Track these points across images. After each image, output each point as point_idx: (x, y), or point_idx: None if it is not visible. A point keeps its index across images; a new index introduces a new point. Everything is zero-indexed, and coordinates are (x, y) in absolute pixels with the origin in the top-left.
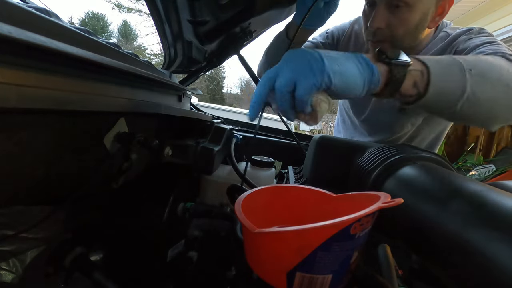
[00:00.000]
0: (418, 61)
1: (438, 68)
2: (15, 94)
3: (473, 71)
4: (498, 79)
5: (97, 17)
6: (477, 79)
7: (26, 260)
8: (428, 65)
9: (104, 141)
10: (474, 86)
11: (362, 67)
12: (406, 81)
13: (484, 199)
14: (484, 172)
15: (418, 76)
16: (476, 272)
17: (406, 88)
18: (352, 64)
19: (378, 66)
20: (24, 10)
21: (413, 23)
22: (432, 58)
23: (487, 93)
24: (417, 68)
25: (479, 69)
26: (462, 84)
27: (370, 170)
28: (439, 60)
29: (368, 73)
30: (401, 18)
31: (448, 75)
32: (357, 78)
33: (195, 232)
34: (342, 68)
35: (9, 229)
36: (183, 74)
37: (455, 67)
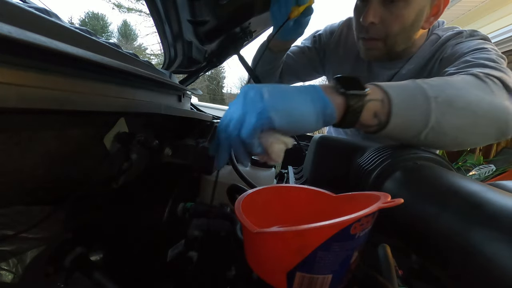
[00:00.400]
0: (380, 90)
1: (401, 97)
2: (15, 94)
3: (439, 99)
4: (465, 107)
5: (97, 17)
6: (443, 107)
7: (26, 260)
8: (390, 94)
9: (104, 141)
10: (439, 116)
11: (313, 101)
12: (365, 112)
13: (484, 199)
14: (484, 172)
15: (378, 106)
16: (476, 272)
17: (365, 118)
18: (302, 99)
19: (334, 97)
20: (24, 10)
21: (408, 20)
22: (395, 86)
23: (453, 122)
24: (377, 97)
25: (446, 96)
26: (426, 113)
27: (370, 170)
28: (403, 87)
29: (321, 107)
30: (396, 14)
31: (411, 104)
32: (306, 114)
33: (195, 232)
34: (287, 105)
35: (9, 229)
36: (183, 74)
37: (420, 95)
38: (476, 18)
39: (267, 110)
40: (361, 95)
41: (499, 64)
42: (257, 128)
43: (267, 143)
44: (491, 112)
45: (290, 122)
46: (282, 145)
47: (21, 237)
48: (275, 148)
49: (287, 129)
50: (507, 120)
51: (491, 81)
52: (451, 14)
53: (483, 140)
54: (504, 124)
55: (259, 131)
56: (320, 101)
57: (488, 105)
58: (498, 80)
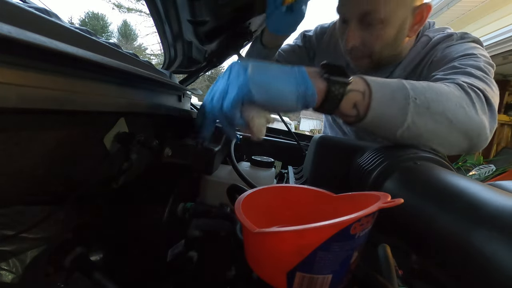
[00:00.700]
0: (363, 82)
1: (382, 92)
2: (15, 94)
3: (418, 101)
4: (442, 113)
5: (97, 17)
6: (421, 109)
7: (26, 260)
8: (372, 87)
9: (104, 141)
10: (416, 116)
11: (296, 82)
12: (345, 101)
13: (484, 199)
14: (484, 172)
15: (359, 97)
16: (475, 272)
17: (344, 107)
18: (285, 77)
19: (317, 81)
20: (24, 10)
21: (389, 38)
22: (379, 81)
23: (429, 125)
24: (359, 89)
25: (425, 99)
26: (403, 112)
27: (370, 170)
28: (386, 83)
29: (303, 88)
30: (376, 35)
31: (391, 101)
32: (287, 93)
33: (195, 232)
34: (269, 81)
35: (9, 229)
36: (183, 74)
37: (401, 94)
38: (476, 18)
39: (248, 83)
40: (343, 83)
41: (485, 74)
42: (238, 100)
43: (248, 116)
44: (466, 124)
45: (270, 98)
46: (263, 120)
47: (21, 237)
48: (256, 122)
49: (266, 104)
50: (480, 135)
51: (474, 94)
52: (451, 14)
53: (454, 149)
54: (476, 138)
55: (239, 103)
56: (303, 83)
57: (465, 116)
58: (481, 92)
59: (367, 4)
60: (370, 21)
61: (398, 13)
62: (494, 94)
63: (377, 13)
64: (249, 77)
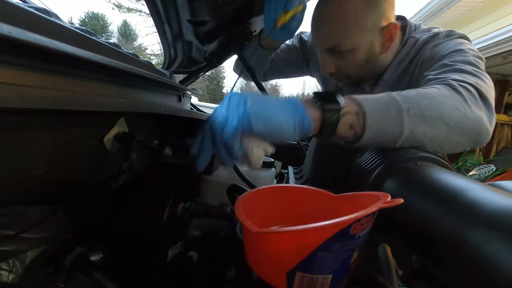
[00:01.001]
0: (355, 103)
1: (375, 109)
2: (15, 94)
3: (411, 111)
4: (437, 118)
5: (97, 17)
6: (416, 119)
7: (26, 260)
8: (364, 107)
9: (104, 141)
10: (413, 127)
11: (293, 113)
12: (341, 125)
13: (484, 199)
14: (484, 172)
15: (353, 118)
16: (475, 272)
17: (341, 130)
18: (283, 110)
19: (312, 111)
20: (24, 10)
21: (361, 61)
22: (370, 98)
23: (427, 132)
24: (352, 110)
25: (418, 108)
26: (399, 125)
27: (370, 170)
28: (377, 100)
29: (299, 119)
30: (347, 61)
31: (385, 116)
32: (285, 124)
33: (195, 232)
34: (267, 113)
35: (9, 229)
36: (183, 74)
37: (393, 108)
38: (476, 18)
39: (248, 115)
40: (336, 109)
41: (476, 68)
42: (238, 130)
43: (247, 146)
44: (464, 123)
45: (269, 129)
46: (261, 151)
47: (21, 237)
48: (255, 152)
49: (265, 135)
50: (480, 131)
51: (466, 91)
52: (451, 14)
53: (458, 149)
54: (477, 135)
55: (239, 133)
56: (299, 114)
57: (462, 116)
58: (473, 87)
59: (332, 39)
60: (339, 51)
61: (364, 39)
62: (487, 86)
63: (343, 45)
64: (249, 108)
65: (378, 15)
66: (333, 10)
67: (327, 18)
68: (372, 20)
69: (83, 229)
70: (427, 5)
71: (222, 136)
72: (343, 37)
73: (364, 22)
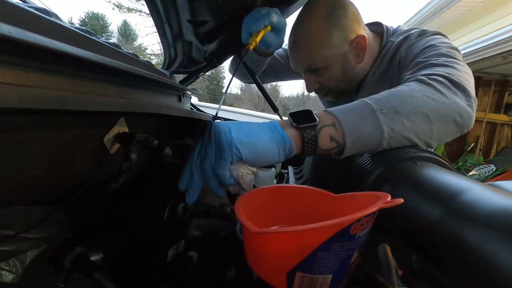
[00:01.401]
0: (329, 115)
1: (349, 116)
2: (15, 94)
3: (384, 110)
4: (413, 110)
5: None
6: (391, 115)
7: (26, 260)
8: (338, 116)
9: (104, 141)
10: (391, 124)
11: (274, 135)
12: (321, 138)
13: (484, 199)
14: (484, 172)
15: (331, 130)
16: (475, 272)
17: (323, 143)
18: (264, 133)
19: (290, 131)
20: (24, 10)
21: (338, 74)
22: (343, 108)
23: (407, 126)
24: (328, 123)
25: (390, 105)
26: (377, 125)
27: (370, 170)
28: (350, 107)
29: (281, 141)
30: (325, 77)
31: (360, 120)
32: (270, 147)
33: (195, 232)
34: (251, 139)
35: (9, 229)
36: (183, 74)
37: (366, 110)
38: (476, 18)
39: (236, 144)
40: (312, 126)
41: (448, 58)
42: (228, 161)
43: (238, 174)
44: (442, 110)
45: (255, 154)
46: (251, 175)
47: (21, 237)
48: (246, 178)
49: (253, 161)
50: (461, 113)
51: (436, 82)
52: (451, 14)
53: (448, 137)
54: (459, 117)
55: (229, 164)
56: (279, 136)
57: (437, 104)
58: (443, 77)
59: (305, 61)
60: (315, 69)
61: (334, 55)
62: (460, 73)
63: (316, 64)
64: (234, 138)
65: (341, 31)
66: (300, 34)
67: (297, 42)
68: (337, 37)
69: (83, 229)
70: (427, 5)
71: (213, 168)
72: (313, 57)
73: (329, 40)
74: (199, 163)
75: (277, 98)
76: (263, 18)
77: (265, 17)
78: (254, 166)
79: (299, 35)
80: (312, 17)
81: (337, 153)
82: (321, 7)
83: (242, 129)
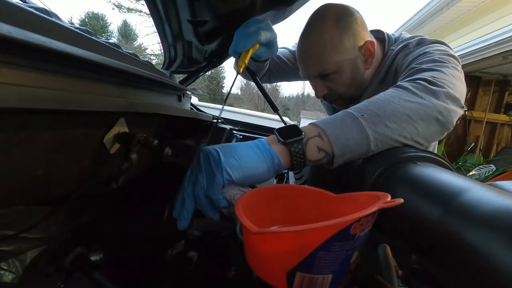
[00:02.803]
0: (314, 127)
1: (333, 126)
2: (15, 94)
3: (365, 115)
4: (394, 113)
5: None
6: (373, 119)
7: (26, 260)
8: (322, 127)
9: (104, 141)
10: (374, 127)
11: (261, 153)
12: (309, 150)
13: (484, 199)
14: (484, 172)
15: (318, 140)
16: (474, 272)
17: (311, 155)
18: (251, 152)
19: (277, 148)
20: (24, 10)
21: (348, 79)
22: (327, 119)
23: (392, 128)
24: (314, 134)
25: (370, 111)
26: (361, 130)
27: (370, 170)
28: (333, 118)
29: (269, 158)
30: (335, 82)
31: (344, 128)
32: (259, 166)
33: (195, 232)
34: (240, 161)
35: (9, 229)
36: (183, 74)
37: (348, 118)
38: (476, 18)
39: (225, 168)
40: (298, 140)
41: (437, 63)
42: (220, 184)
43: (230, 196)
44: (422, 109)
45: (246, 175)
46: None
47: (21, 237)
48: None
49: (244, 181)
50: (440, 111)
51: (414, 85)
52: (451, 14)
53: (436, 136)
54: (440, 115)
55: (221, 187)
56: (267, 153)
57: (415, 105)
58: (423, 81)
59: (317, 67)
60: (326, 74)
61: (345, 60)
62: (445, 75)
63: (327, 70)
64: (224, 162)
65: (352, 37)
66: (312, 42)
67: (308, 50)
68: (348, 42)
69: (83, 229)
70: (427, 5)
71: (205, 194)
72: (325, 62)
73: (341, 45)
74: (190, 189)
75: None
76: (251, 38)
77: (253, 36)
78: (245, 185)
79: (310, 43)
80: (323, 24)
81: (327, 163)
82: (330, 14)
83: (231, 152)
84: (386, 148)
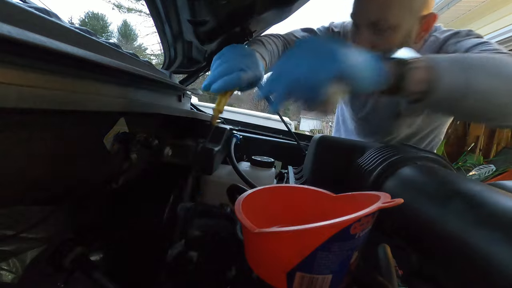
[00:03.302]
0: (424, 58)
1: (444, 65)
2: (15, 94)
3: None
4: (497, 73)
5: (97, 17)
6: (482, 75)
7: (26, 260)
8: (435, 61)
9: (104, 141)
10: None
11: (373, 62)
12: (412, 77)
13: (484, 199)
14: (484, 172)
15: (424, 72)
16: (475, 273)
17: (414, 82)
18: (365, 58)
19: (387, 63)
20: (24, 10)
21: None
22: (438, 55)
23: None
24: (422, 65)
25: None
26: (466, 80)
27: (370, 170)
28: (445, 57)
29: (378, 68)
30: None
31: (453, 71)
32: (368, 72)
33: (195, 232)
34: (355, 60)
35: (9, 229)
36: (183, 74)
37: (458, 64)
38: (476, 18)
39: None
40: (405, 61)
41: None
42: (331, 77)
43: (331, 92)
44: None
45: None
46: (340, 97)
47: (21, 237)
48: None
49: (353, 82)
50: None
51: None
52: (451, 14)
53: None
54: None
55: (331, 79)
56: (378, 64)
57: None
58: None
59: (378, 13)
60: (380, 27)
61: (406, 21)
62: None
63: (387, 21)
64: (342, 57)
65: (422, 1)
66: None
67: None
68: (417, 3)
69: (83, 229)
70: None
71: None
72: (389, 12)
73: (410, 3)
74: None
75: None
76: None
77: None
78: (349, 88)
79: None
80: None
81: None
82: None
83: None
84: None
